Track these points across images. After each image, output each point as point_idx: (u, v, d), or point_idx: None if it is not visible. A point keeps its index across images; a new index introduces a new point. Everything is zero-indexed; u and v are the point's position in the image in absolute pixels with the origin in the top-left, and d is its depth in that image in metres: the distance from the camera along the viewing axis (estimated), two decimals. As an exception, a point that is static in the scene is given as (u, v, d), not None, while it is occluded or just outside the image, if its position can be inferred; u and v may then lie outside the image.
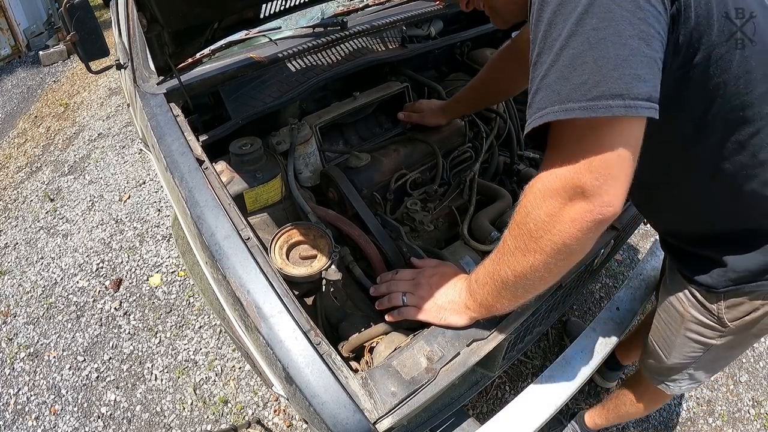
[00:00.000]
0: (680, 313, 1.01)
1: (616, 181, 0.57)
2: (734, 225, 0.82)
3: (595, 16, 0.54)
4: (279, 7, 1.55)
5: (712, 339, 0.98)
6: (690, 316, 0.99)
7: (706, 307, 0.94)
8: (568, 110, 0.56)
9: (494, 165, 1.58)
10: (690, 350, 1.04)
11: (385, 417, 0.79)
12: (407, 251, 1.24)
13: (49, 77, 4.99)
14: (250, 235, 0.98)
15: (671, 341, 1.08)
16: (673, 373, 1.14)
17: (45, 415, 1.89)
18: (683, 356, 1.07)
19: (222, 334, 2.09)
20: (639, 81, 0.55)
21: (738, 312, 0.90)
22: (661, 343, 1.13)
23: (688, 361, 1.07)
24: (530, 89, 0.62)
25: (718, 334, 0.96)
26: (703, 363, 1.07)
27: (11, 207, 3.08)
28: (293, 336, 0.83)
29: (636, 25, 0.55)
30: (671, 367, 1.12)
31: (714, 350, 1.01)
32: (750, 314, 0.89)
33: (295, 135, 1.35)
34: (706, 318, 0.96)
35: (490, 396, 1.81)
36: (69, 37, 1.26)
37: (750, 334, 0.95)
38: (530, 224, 0.66)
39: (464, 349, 0.90)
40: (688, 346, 1.04)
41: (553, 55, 0.57)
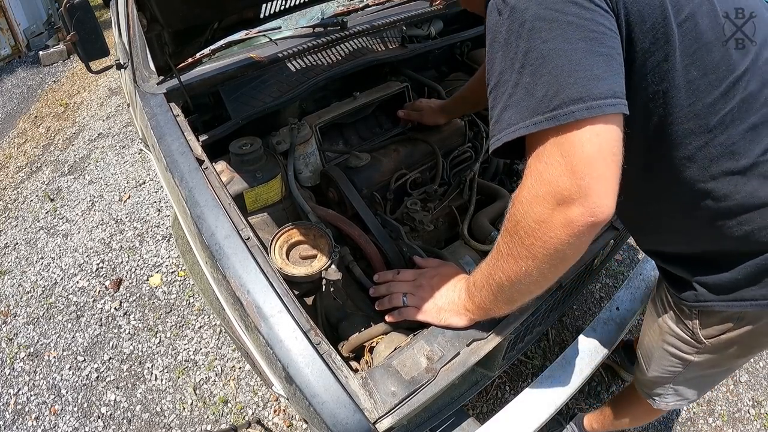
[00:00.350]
0: (659, 324, 1.00)
1: (601, 179, 0.57)
2: (698, 244, 0.80)
3: (543, 29, 0.56)
4: (279, 7, 1.55)
5: (689, 354, 0.96)
6: (667, 328, 0.97)
7: (683, 321, 0.92)
8: (536, 123, 0.58)
9: (494, 165, 1.58)
10: (669, 364, 1.02)
11: (385, 417, 0.79)
12: (407, 251, 1.24)
13: (49, 77, 4.99)
14: (250, 235, 0.98)
15: (651, 352, 1.06)
16: (656, 386, 1.12)
17: (45, 415, 1.89)
18: (663, 369, 1.05)
19: (222, 334, 2.09)
20: (596, 80, 0.56)
21: (713, 330, 0.88)
22: (644, 353, 1.11)
23: (668, 375, 1.05)
24: (495, 107, 0.63)
25: (695, 350, 0.94)
26: (685, 379, 1.04)
27: (11, 207, 3.08)
28: (293, 336, 0.83)
29: (583, 26, 0.56)
30: (652, 380, 1.10)
31: (693, 367, 0.98)
32: (725, 334, 0.86)
33: (295, 135, 1.35)
34: (681, 332, 0.94)
35: (490, 396, 1.81)
36: (69, 37, 1.26)
37: (731, 355, 0.91)
38: (521, 232, 0.65)
39: (464, 348, 0.90)
40: (666, 359, 1.01)
41: (515, 73, 0.59)
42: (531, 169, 0.62)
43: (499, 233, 0.72)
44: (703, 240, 0.78)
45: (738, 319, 0.83)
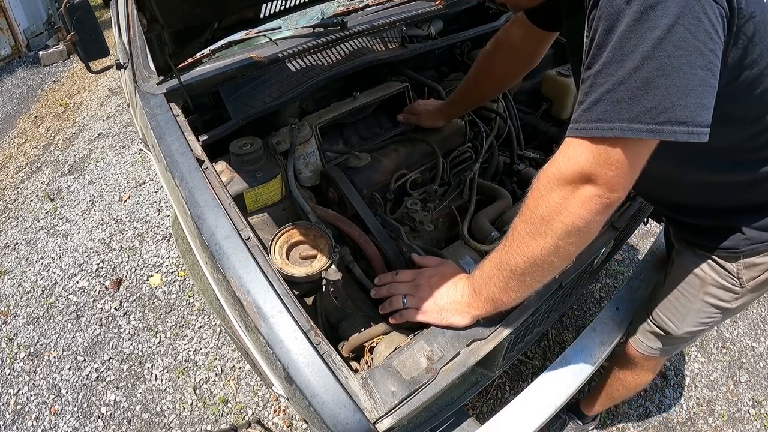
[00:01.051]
0: (700, 278, 1.04)
1: (629, 176, 0.64)
2: (750, 197, 0.89)
3: (672, 44, 0.57)
4: (279, 7, 1.55)
5: (727, 302, 1.03)
6: (711, 279, 1.02)
7: (726, 269, 0.99)
8: (636, 130, 0.60)
9: (494, 165, 1.58)
10: (705, 315, 1.09)
11: (385, 417, 0.79)
12: (407, 251, 1.24)
13: (49, 77, 4.99)
14: (250, 235, 0.98)
15: (686, 309, 1.11)
16: (684, 342, 1.20)
17: (45, 415, 1.89)
18: (697, 323, 1.11)
19: (222, 334, 2.09)
20: (702, 109, 0.59)
21: (755, 271, 0.96)
22: (672, 314, 1.15)
23: (700, 328, 1.12)
24: (589, 94, 0.64)
25: (735, 297, 1.02)
26: (710, 328, 1.16)
27: (11, 207, 3.08)
28: (293, 336, 0.83)
29: (706, 56, 0.58)
30: (683, 336, 1.16)
31: (726, 315, 1.08)
32: (765, 273, 0.95)
33: (295, 135, 1.35)
34: (725, 280, 1.00)
35: (490, 396, 1.81)
36: (69, 37, 1.26)
37: (758, 295, 1.03)
38: (542, 207, 0.71)
39: (464, 349, 0.90)
40: (704, 311, 1.08)
41: (624, 72, 0.60)
42: (569, 151, 0.67)
43: (517, 215, 0.77)
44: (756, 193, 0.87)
45: None
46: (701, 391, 1.84)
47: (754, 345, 2.00)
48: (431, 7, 1.93)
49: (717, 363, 1.92)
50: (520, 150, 1.65)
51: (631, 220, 1.31)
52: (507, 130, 1.63)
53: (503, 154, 1.66)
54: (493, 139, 1.58)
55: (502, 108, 1.65)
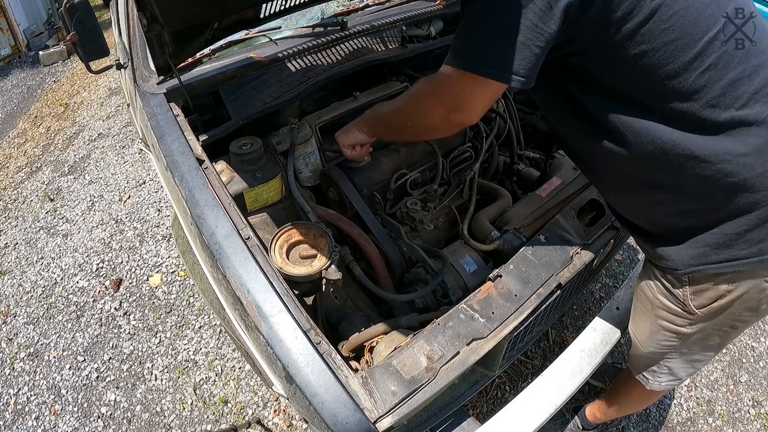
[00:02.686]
0: (650, 299, 1.02)
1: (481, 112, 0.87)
2: (688, 204, 0.83)
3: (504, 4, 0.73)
4: (279, 7, 1.55)
5: (682, 327, 0.98)
6: (659, 303, 0.99)
7: (673, 293, 0.94)
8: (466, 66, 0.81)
9: (494, 165, 1.58)
10: (663, 338, 1.04)
11: (385, 416, 0.79)
12: (407, 251, 1.24)
13: (49, 77, 4.99)
14: (250, 235, 0.98)
15: (644, 329, 1.09)
16: (651, 363, 1.14)
17: (45, 415, 1.89)
18: (657, 345, 1.07)
19: (222, 334, 2.09)
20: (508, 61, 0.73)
21: (704, 299, 0.90)
22: (637, 331, 1.13)
23: (663, 350, 1.08)
24: None
25: (687, 322, 0.96)
26: (679, 354, 1.07)
27: (11, 207, 3.08)
28: (293, 335, 0.83)
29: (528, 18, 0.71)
30: (648, 356, 1.13)
31: (687, 340, 1.01)
32: (716, 301, 0.88)
33: (295, 135, 1.35)
34: (673, 304, 0.96)
35: (490, 396, 1.81)
36: (69, 37, 1.26)
37: (722, 324, 0.94)
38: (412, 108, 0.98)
39: (464, 348, 0.90)
40: (660, 333, 1.04)
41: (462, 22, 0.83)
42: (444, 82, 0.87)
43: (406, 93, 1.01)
44: (692, 199, 0.81)
45: (729, 282, 0.85)
46: (701, 391, 1.84)
47: (754, 345, 2.00)
48: (431, 7, 1.93)
49: (717, 363, 1.92)
50: (520, 150, 1.65)
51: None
52: (507, 129, 1.63)
53: (503, 153, 1.66)
54: (493, 139, 1.58)
55: (502, 108, 1.65)
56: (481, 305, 0.98)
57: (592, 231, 1.18)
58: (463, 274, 1.17)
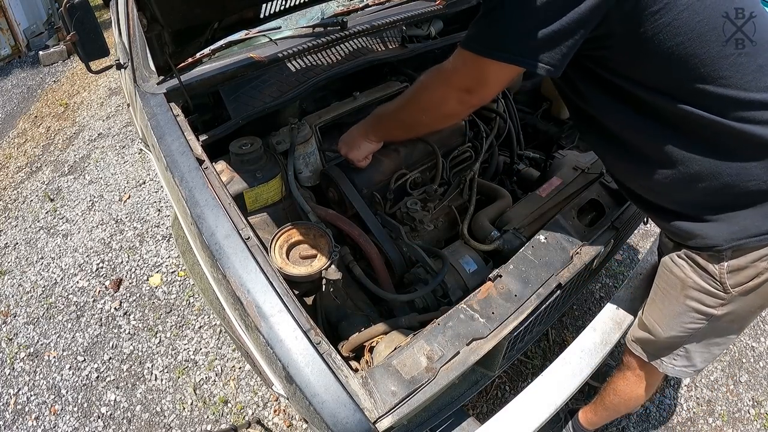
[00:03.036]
0: (681, 279, 1.00)
1: None
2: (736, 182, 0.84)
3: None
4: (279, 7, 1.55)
5: (713, 308, 0.97)
6: (692, 282, 0.97)
7: (708, 271, 0.94)
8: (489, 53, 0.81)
9: (494, 165, 1.58)
10: (689, 320, 1.03)
11: (385, 416, 0.79)
12: (407, 251, 1.24)
13: (49, 77, 4.99)
14: (250, 235, 0.98)
15: (669, 311, 1.06)
16: (670, 348, 1.12)
17: (45, 415, 1.89)
18: (682, 328, 1.05)
19: (222, 334, 2.09)
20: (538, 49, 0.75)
21: (741, 277, 0.90)
22: (657, 316, 1.11)
23: (685, 333, 1.06)
24: None
25: (720, 303, 0.95)
26: (701, 337, 1.06)
27: (11, 207, 3.08)
28: (293, 335, 0.83)
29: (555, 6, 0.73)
30: (667, 340, 1.11)
31: (713, 323, 1.00)
32: (753, 279, 0.89)
33: (295, 135, 1.35)
34: (707, 284, 0.95)
35: (490, 396, 1.81)
36: (69, 37, 1.26)
37: (753, 304, 0.95)
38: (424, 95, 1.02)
39: (464, 348, 0.90)
40: (687, 315, 1.02)
41: None
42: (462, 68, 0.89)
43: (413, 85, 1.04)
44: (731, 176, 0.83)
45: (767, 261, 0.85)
46: (701, 391, 1.84)
47: (754, 345, 2.00)
48: (431, 7, 1.93)
49: (717, 363, 1.92)
50: (520, 150, 1.65)
51: (631, 220, 1.32)
52: (507, 129, 1.63)
53: (503, 153, 1.66)
54: (493, 139, 1.58)
55: (502, 108, 1.65)
56: (481, 305, 0.98)
57: (592, 231, 1.18)
58: (463, 274, 1.17)
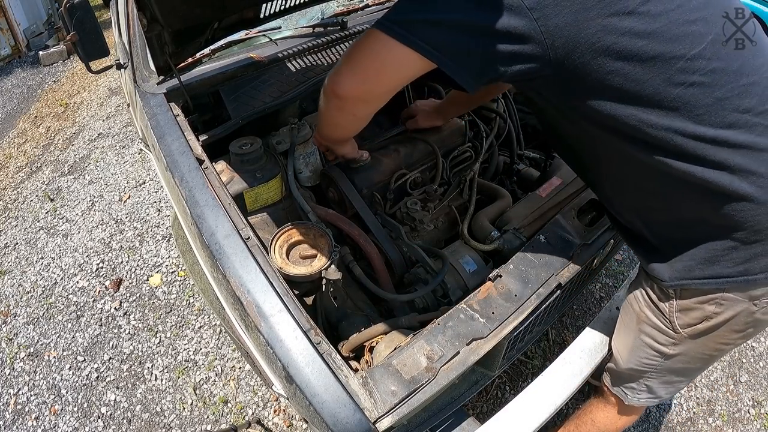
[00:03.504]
0: (636, 312, 0.99)
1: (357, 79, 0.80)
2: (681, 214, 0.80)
3: None
4: (279, 7, 1.55)
5: (665, 346, 0.95)
6: (644, 317, 0.96)
7: (659, 308, 0.91)
8: None
9: (494, 165, 1.58)
10: (645, 356, 1.01)
11: (385, 416, 0.79)
12: (407, 251, 1.24)
13: (49, 77, 4.99)
14: (250, 235, 0.98)
15: (627, 343, 1.05)
16: (631, 380, 1.10)
17: (45, 415, 1.89)
18: (638, 362, 1.03)
19: (222, 334, 2.09)
20: None
21: (690, 318, 0.86)
22: (620, 345, 1.10)
23: (643, 368, 1.03)
24: None
25: (671, 342, 0.93)
26: (659, 375, 1.02)
27: (11, 207, 3.08)
28: (293, 335, 0.83)
29: None
30: (628, 372, 1.09)
31: (669, 361, 0.97)
32: (702, 322, 0.85)
33: (295, 135, 1.35)
34: (658, 320, 0.93)
35: (490, 396, 1.81)
36: (69, 37, 1.26)
37: (707, 347, 0.91)
38: None
39: (464, 348, 0.90)
40: (642, 350, 1.00)
41: None
42: None
43: None
44: (682, 209, 0.79)
45: (717, 304, 0.82)
46: (701, 391, 1.84)
47: (754, 345, 2.00)
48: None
49: (717, 363, 1.92)
50: (520, 150, 1.65)
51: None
52: (507, 129, 1.63)
53: (503, 153, 1.66)
54: (493, 139, 1.58)
55: (502, 108, 1.65)
56: (481, 305, 0.98)
57: (592, 231, 1.18)
58: (463, 274, 1.17)
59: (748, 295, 0.79)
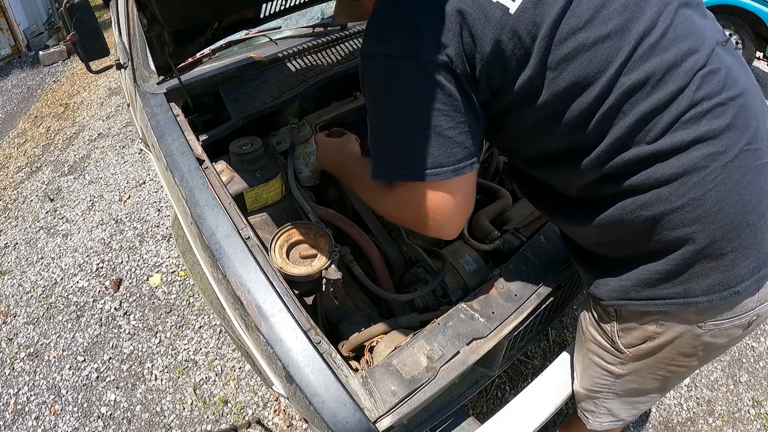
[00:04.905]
0: (583, 331, 0.96)
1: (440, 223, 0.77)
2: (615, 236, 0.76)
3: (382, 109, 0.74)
4: (279, 7, 1.55)
5: (613, 365, 0.91)
6: (590, 335, 0.93)
7: (602, 328, 0.88)
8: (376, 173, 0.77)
9: (494, 164, 1.58)
10: (595, 375, 0.97)
11: (385, 416, 0.79)
12: (407, 250, 1.24)
13: (49, 77, 4.99)
14: (250, 235, 0.98)
15: (579, 362, 1.03)
16: (588, 401, 1.06)
17: (45, 415, 1.89)
18: (591, 381, 1.00)
19: (222, 334, 2.09)
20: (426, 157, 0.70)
21: (632, 338, 0.83)
22: (576, 364, 1.07)
23: (597, 388, 1.00)
24: None
25: (618, 361, 0.89)
26: (616, 396, 0.98)
27: (11, 207, 3.08)
28: (293, 335, 0.83)
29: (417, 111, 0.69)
30: (584, 392, 1.05)
31: (620, 380, 0.93)
32: (645, 342, 0.81)
33: (296, 134, 1.36)
34: (603, 339, 0.89)
35: (490, 396, 1.81)
36: (69, 37, 1.26)
37: (656, 368, 0.86)
38: None
39: (464, 347, 0.90)
40: (592, 369, 0.97)
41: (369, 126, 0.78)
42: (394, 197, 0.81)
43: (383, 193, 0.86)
44: (613, 230, 0.75)
45: (657, 324, 0.78)
46: (701, 391, 1.84)
47: (754, 345, 2.00)
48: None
49: (717, 363, 1.92)
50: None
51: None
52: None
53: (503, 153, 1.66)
54: (493, 139, 1.58)
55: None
56: (481, 305, 0.98)
57: (592, 231, 1.18)
58: (463, 274, 1.17)
59: (688, 317, 0.75)
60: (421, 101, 0.67)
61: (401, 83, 0.68)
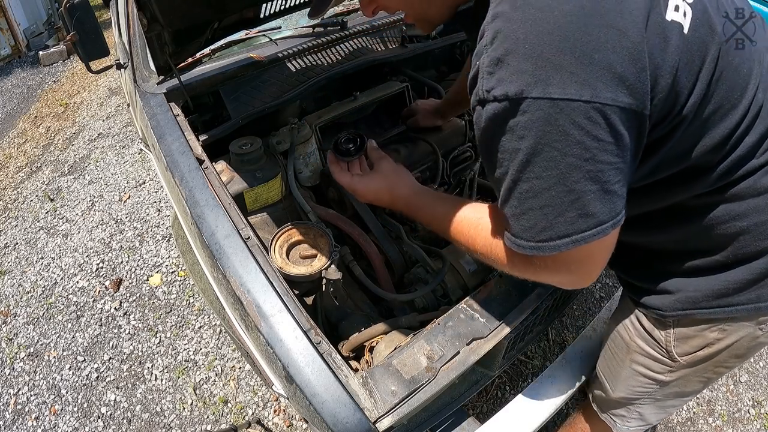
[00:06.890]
0: (626, 342, 0.94)
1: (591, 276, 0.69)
2: (690, 245, 0.75)
3: (538, 165, 0.56)
4: (279, 7, 1.55)
5: (660, 374, 0.89)
6: (636, 347, 0.91)
7: (654, 337, 0.87)
8: (521, 246, 0.62)
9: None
10: (637, 384, 0.96)
11: (385, 416, 0.79)
12: (407, 250, 1.24)
13: (49, 77, 4.99)
14: (250, 235, 0.98)
15: (617, 373, 1.00)
16: (620, 407, 1.05)
17: (45, 415, 1.89)
18: (630, 390, 0.98)
19: (222, 334, 2.09)
20: (587, 218, 0.57)
21: (689, 346, 0.82)
22: (607, 373, 1.05)
23: (635, 396, 0.99)
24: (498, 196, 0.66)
25: (668, 369, 0.88)
26: (653, 401, 0.98)
27: (11, 207, 3.08)
28: (293, 335, 0.83)
29: (582, 167, 0.55)
30: (617, 400, 1.04)
31: (664, 387, 0.92)
32: (702, 349, 0.81)
33: (296, 134, 1.35)
34: (653, 350, 0.88)
35: (490, 396, 1.81)
36: (69, 37, 1.26)
37: (705, 371, 0.86)
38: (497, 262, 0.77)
39: (464, 347, 0.90)
40: (634, 379, 0.95)
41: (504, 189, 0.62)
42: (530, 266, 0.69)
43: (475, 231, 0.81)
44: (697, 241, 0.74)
45: (720, 330, 0.78)
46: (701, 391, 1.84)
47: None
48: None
49: (717, 363, 1.93)
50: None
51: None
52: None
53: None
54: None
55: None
56: (481, 305, 0.98)
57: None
58: (463, 274, 1.17)
59: (751, 321, 0.76)
60: (594, 154, 0.54)
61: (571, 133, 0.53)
